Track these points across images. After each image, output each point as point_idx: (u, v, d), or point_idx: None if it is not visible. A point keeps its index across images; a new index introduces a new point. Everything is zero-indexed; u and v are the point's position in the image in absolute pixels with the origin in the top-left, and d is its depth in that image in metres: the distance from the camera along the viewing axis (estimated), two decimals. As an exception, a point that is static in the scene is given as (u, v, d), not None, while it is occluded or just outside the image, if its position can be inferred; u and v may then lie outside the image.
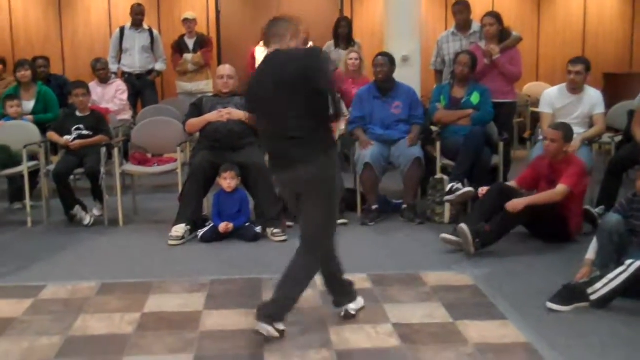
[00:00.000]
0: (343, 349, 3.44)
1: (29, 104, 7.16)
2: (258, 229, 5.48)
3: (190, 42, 8.81)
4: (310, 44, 9.20)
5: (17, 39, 10.38)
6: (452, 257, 4.93)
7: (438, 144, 6.13)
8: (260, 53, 9.23)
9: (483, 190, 5.16)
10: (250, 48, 9.31)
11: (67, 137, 6.24)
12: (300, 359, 3.34)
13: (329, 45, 8.53)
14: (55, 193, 6.17)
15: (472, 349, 3.42)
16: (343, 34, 8.45)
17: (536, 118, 7.54)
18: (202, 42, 8.87)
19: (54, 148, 6.82)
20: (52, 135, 6.39)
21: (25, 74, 7.12)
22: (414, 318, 3.82)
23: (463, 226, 4.91)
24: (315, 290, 4.23)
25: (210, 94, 6.38)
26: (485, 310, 3.93)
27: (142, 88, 8.73)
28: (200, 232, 5.49)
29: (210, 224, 5.52)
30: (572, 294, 3.93)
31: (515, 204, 4.92)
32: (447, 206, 5.76)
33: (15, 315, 3.94)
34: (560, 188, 4.98)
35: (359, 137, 6.08)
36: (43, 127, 6.67)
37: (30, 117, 6.94)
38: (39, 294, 4.30)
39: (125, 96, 8.11)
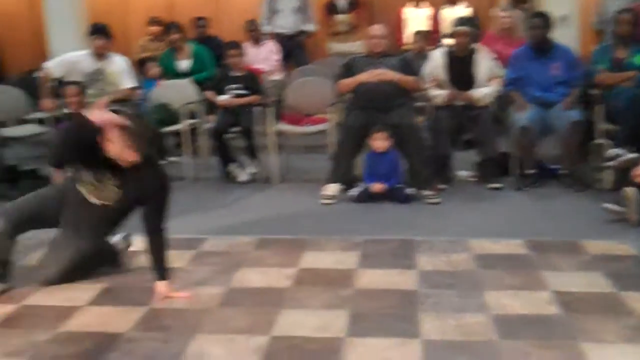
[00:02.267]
0: (500, 313, 3.37)
1: (186, 64, 7.43)
2: (410, 191, 5.45)
3: (342, 3, 8.82)
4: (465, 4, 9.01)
5: (176, 2, 10.73)
6: (614, 226, 4.71)
7: (599, 108, 5.86)
8: (408, 13, 9.13)
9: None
10: (399, 8, 9.22)
11: (223, 97, 6.42)
12: (456, 321, 3.30)
13: (503, 5, 8.24)
14: (213, 150, 6.39)
15: (637, 322, 3.26)
16: None
17: None
18: (354, 3, 8.87)
19: (210, 107, 7.04)
20: (209, 94, 6.59)
21: (175, 37, 7.38)
22: (574, 286, 3.69)
23: (630, 190, 4.68)
24: (469, 254, 4.18)
25: (362, 55, 6.35)
26: (652, 282, 3.74)
27: (292, 49, 8.80)
28: (352, 192, 5.52)
29: (361, 185, 5.55)
30: None
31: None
32: (609, 172, 5.52)
33: (180, 265, 4.12)
34: None
35: (515, 99, 5.90)
36: (201, 86, 6.90)
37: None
38: (200, 246, 4.48)
39: (277, 57, 8.24)
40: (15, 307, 3.58)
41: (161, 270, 3.68)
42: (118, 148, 3.54)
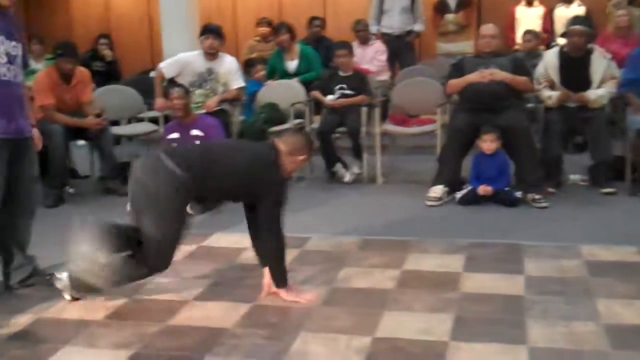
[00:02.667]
0: (612, 323, 3.23)
1: (294, 64, 7.50)
2: (518, 194, 5.33)
3: (451, 2, 8.70)
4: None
5: (284, 3, 10.87)
6: None
7: None
8: (521, 12, 8.91)
9: None
10: (511, 8, 9.02)
11: (330, 97, 6.45)
12: (565, 329, 3.19)
13: (618, 2, 7.94)
14: (318, 150, 6.42)
15: None
16: None
17: None
18: (463, 2, 8.73)
19: (317, 107, 7.09)
20: (316, 94, 6.64)
21: (284, 37, 7.47)
22: (694, 297, 3.52)
23: None
24: (580, 260, 4.05)
25: (471, 55, 6.25)
26: None
27: (400, 49, 8.74)
28: (458, 194, 5.44)
29: (468, 187, 5.46)
30: None
31: None
32: None
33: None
34: None
35: (631, 101, 5.67)
36: (307, 86, 6.96)
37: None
38: (304, 245, 4.51)
39: (384, 57, 8.19)
40: (125, 300, 3.70)
41: (274, 276, 3.64)
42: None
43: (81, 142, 6.84)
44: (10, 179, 3.73)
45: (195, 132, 5.42)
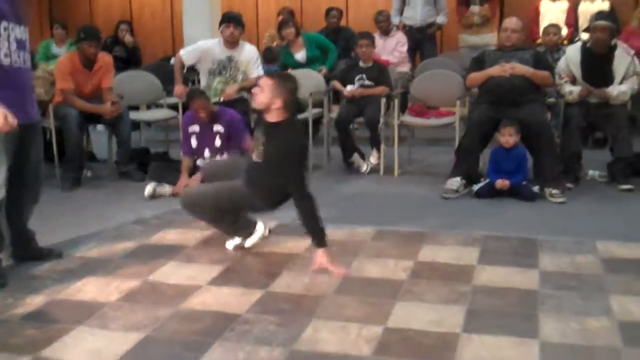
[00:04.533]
0: (625, 320, 3.21)
1: (301, 55, 7.52)
2: (536, 189, 5.29)
3: (478, -6, 8.63)
4: None
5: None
6: None
7: None
8: (545, 7, 8.84)
9: None
10: (534, 2, 8.95)
11: (349, 87, 6.43)
12: (578, 324, 3.16)
13: None
14: (335, 140, 6.42)
15: None
16: None
17: None
18: (488, -6, 8.66)
19: (336, 97, 7.07)
20: (335, 84, 6.63)
21: (289, 31, 7.50)
22: None
23: None
24: (595, 256, 4.02)
25: (493, 48, 6.20)
26: None
27: (421, 41, 8.69)
28: (475, 187, 5.42)
29: (485, 180, 5.43)
30: None
31: None
32: None
33: (297, 251, 4.17)
34: None
35: (653, 97, 5.62)
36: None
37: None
38: (318, 233, 4.51)
39: (405, 49, 8.15)
40: (139, 282, 3.72)
41: (313, 237, 3.74)
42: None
43: (100, 127, 6.87)
44: (18, 163, 3.77)
45: (217, 127, 5.36)
